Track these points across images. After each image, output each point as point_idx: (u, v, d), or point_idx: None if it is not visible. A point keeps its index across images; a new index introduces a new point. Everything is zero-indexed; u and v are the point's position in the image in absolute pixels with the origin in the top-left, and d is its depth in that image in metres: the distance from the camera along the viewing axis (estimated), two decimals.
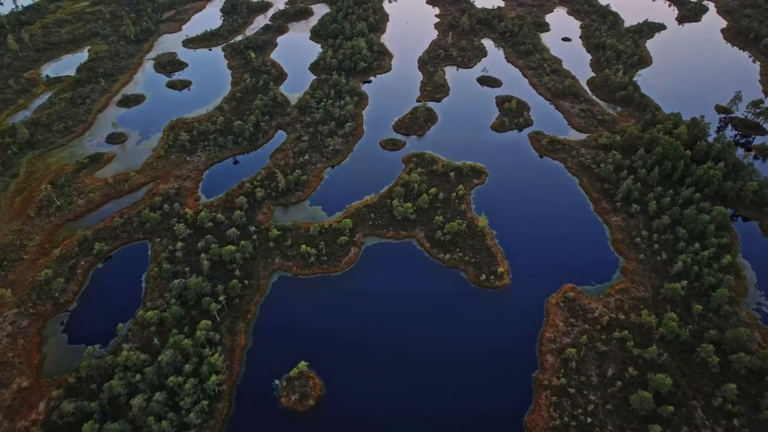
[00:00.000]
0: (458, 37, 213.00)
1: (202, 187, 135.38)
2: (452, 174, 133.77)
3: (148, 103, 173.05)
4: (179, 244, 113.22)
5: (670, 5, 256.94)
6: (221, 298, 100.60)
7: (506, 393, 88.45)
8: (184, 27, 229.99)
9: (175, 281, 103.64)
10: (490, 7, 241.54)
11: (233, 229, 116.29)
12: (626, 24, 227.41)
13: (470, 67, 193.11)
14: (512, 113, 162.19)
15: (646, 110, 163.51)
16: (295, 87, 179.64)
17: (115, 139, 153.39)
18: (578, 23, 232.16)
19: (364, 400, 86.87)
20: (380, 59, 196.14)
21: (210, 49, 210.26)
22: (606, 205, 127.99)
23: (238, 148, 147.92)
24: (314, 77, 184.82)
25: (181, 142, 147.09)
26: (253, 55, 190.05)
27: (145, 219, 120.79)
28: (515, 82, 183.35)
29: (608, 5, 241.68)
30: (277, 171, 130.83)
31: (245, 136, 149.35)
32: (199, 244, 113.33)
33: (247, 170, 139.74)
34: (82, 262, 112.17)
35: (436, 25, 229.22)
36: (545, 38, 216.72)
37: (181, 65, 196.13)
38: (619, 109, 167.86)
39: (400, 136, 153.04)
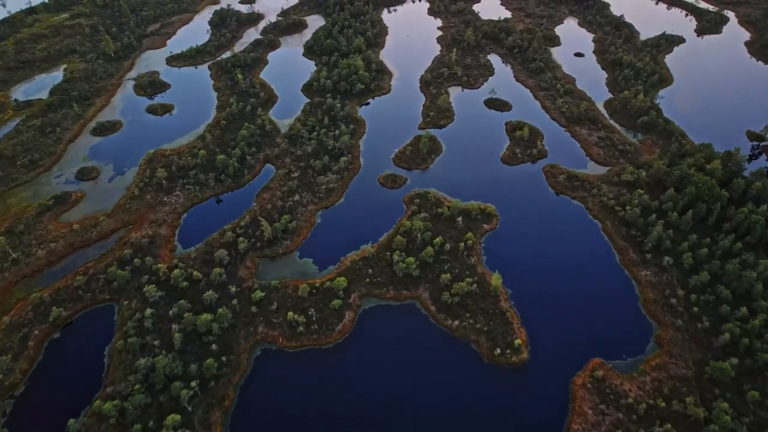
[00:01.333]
0: (463, 53, 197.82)
1: (179, 234, 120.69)
2: (460, 219, 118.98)
3: (125, 131, 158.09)
4: (148, 311, 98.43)
5: (687, 15, 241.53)
6: (193, 383, 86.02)
7: None
8: (168, 42, 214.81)
9: (141, 361, 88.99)
10: (496, 19, 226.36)
11: (210, 292, 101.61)
12: (642, 36, 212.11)
13: (476, 88, 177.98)
14: (524, 143, 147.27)
15: (671, 138, 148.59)
16: (286, 112, 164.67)
17: (85, 174, 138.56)
18: (591, 36, 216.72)
19: None
20: (379, 79, 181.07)
21: (196, 67, 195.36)
22: (634, 256, 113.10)
23: (220, 186, 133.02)
24: (307, 100, 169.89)
25: (158, 180, 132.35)
26: (240, 77, 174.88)
27: (112, 277, 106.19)
28: (526, 105, 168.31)
29: (622, 16, 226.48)
30: (262, 219, 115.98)
31: (229, 173, 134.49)
32: (171, 312, 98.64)
33: (229, 212, 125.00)
34: (36, 332, 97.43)
35: (439, 39, 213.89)
36: (556, 53, 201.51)
37: (163, 86, 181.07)
38: (640, 136, 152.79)
39: (400, 171, 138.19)
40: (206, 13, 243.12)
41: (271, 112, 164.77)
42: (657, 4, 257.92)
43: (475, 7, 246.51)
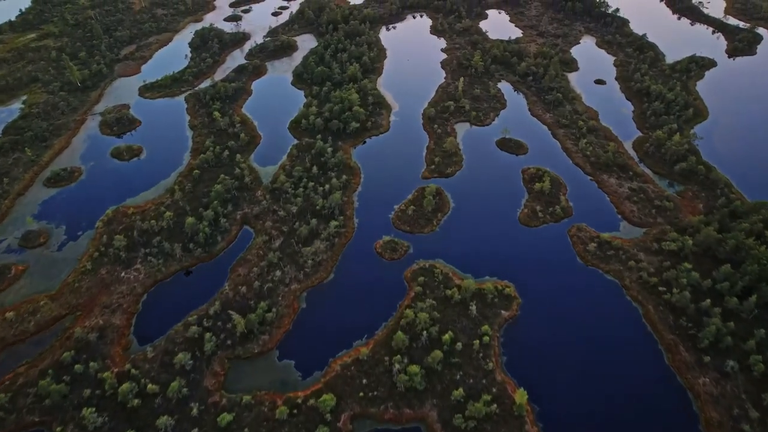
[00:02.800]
0: (470, 80, 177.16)
1: (135, 322, 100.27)
2: (473, 307, 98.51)
3: (83, 182, 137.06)
4: None
5: (714, 32, 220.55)
6: None
7: None
8: (143, 68, 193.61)
9: None
10: (506, 39, 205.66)
11: (166, 417, 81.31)
12: (668, 59, 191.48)
13: (487, 125, 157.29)
14: (545, 197, 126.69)
15: (715, 190, 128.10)
16: (270, 156, 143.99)
17: (31, 240, 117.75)
18: (611, 59, 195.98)
19: None
20: (376, 114, 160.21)
21: (173, 98, 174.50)
22: (686, 356, 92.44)
23: (189, 257, 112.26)
24: (294, 141, 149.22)
25: (116, 250, 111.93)
26: (217, 114, 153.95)
27: (45, 392, 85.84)
28: (544, 147, 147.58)
29: (645, 35, 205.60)
30: (233, 313, 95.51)
31: (199, 240, 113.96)
32: None
33: (197, 293, 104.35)
34: None
35: (444, 63, 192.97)
36: (574, 80, 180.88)
37: (132, 123, 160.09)
38: (677, 186, 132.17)
39: (401, 235, 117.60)
40: (187, 33, 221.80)
41: (253, 156, 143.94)
42: (679, 19, 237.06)
43: (482, 25, 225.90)
